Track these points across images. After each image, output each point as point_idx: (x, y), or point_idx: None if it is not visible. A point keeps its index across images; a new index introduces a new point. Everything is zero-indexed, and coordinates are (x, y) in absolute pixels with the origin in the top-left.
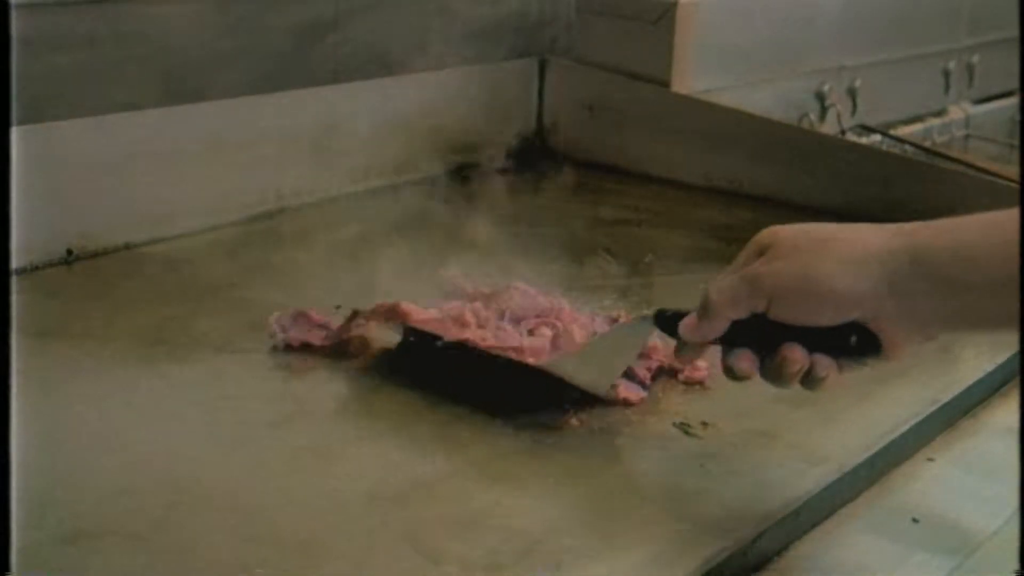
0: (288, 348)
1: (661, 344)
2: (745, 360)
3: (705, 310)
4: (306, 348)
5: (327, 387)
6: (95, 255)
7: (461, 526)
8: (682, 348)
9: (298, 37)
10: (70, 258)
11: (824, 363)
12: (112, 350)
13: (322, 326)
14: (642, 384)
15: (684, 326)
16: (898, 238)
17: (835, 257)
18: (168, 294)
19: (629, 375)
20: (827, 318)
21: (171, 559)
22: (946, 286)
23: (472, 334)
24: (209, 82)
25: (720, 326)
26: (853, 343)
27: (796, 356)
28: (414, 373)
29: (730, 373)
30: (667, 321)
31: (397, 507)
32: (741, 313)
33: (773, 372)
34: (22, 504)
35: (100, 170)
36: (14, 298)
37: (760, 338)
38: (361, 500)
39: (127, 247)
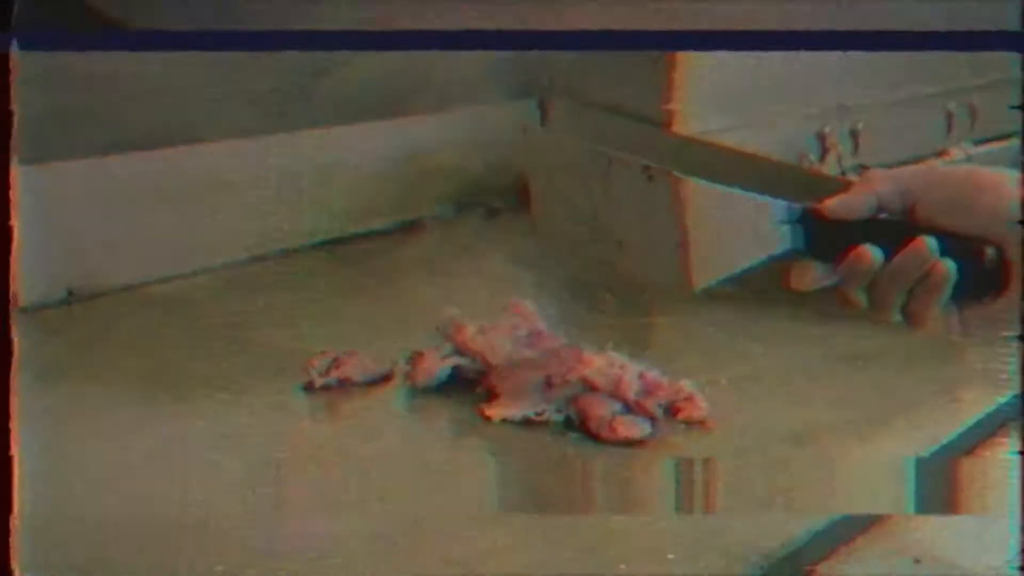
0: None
1: (666, 382)
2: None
3: (859, 182)
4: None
5: (329, 428)
6: (96, 295)
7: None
8: (799, 274)
9: (298, 78)
10: (71, 298)
11: (946, 270)
12: (113, 391)
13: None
14: (651, 419)
15: (830, 201)
16: None
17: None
18: (169, 335)
19: (634, 411)
20: (977, 219)
21: None
22: None
23: None
24: (210, 123)
25: (865, 201)
26: (988, 256)
27: (925, 249)
28: None
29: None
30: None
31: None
32: (891, 192)
33: (894, 269)
34: (22, 541)
35: (101, 210)
36: (15, 340)
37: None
38: (365, 542)
39: (128, 288)
